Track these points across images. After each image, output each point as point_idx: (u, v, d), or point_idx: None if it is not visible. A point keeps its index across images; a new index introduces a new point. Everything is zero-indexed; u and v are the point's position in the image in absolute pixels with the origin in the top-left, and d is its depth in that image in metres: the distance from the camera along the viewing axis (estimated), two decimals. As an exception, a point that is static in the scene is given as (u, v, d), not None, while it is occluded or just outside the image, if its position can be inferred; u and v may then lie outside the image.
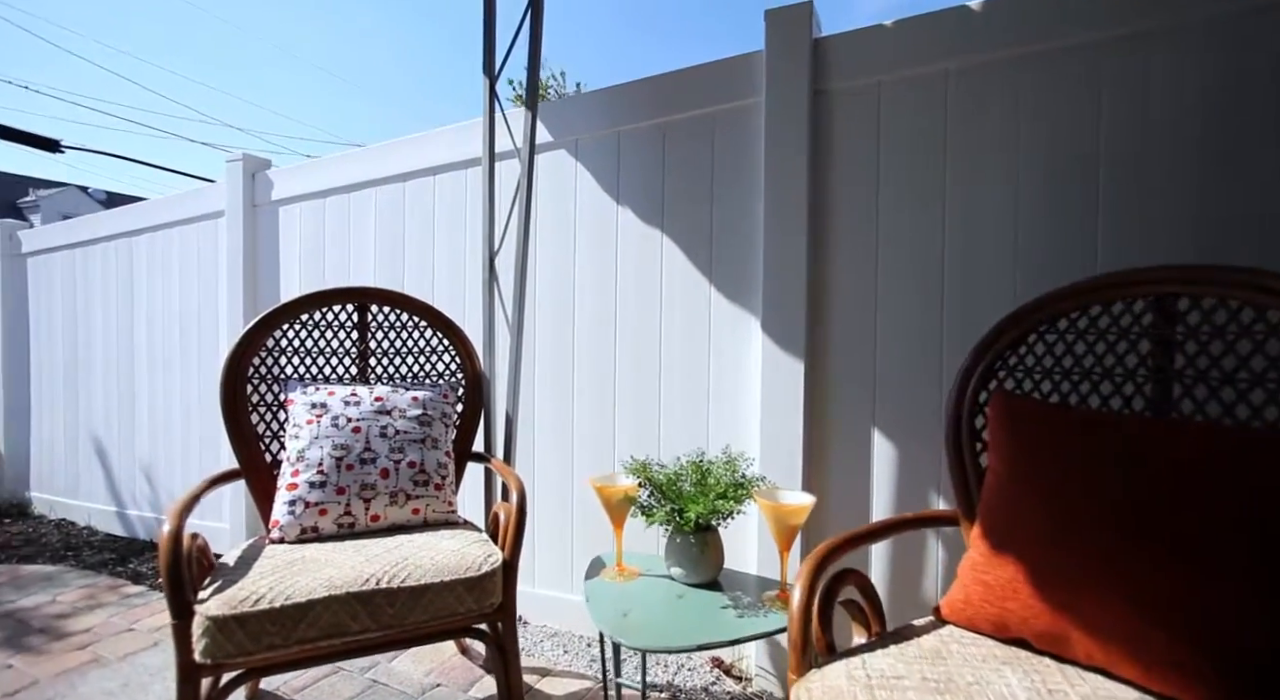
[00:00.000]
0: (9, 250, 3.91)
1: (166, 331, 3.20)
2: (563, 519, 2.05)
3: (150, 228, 3.26)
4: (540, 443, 2.08)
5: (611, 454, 1.96)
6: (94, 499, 3.56)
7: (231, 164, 2.86)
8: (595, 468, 1.98)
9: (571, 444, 2.03)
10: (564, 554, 2.06)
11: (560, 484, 2.06)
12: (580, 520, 2.03)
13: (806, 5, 1.64)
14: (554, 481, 2.07)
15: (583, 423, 2.01)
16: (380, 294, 1.71)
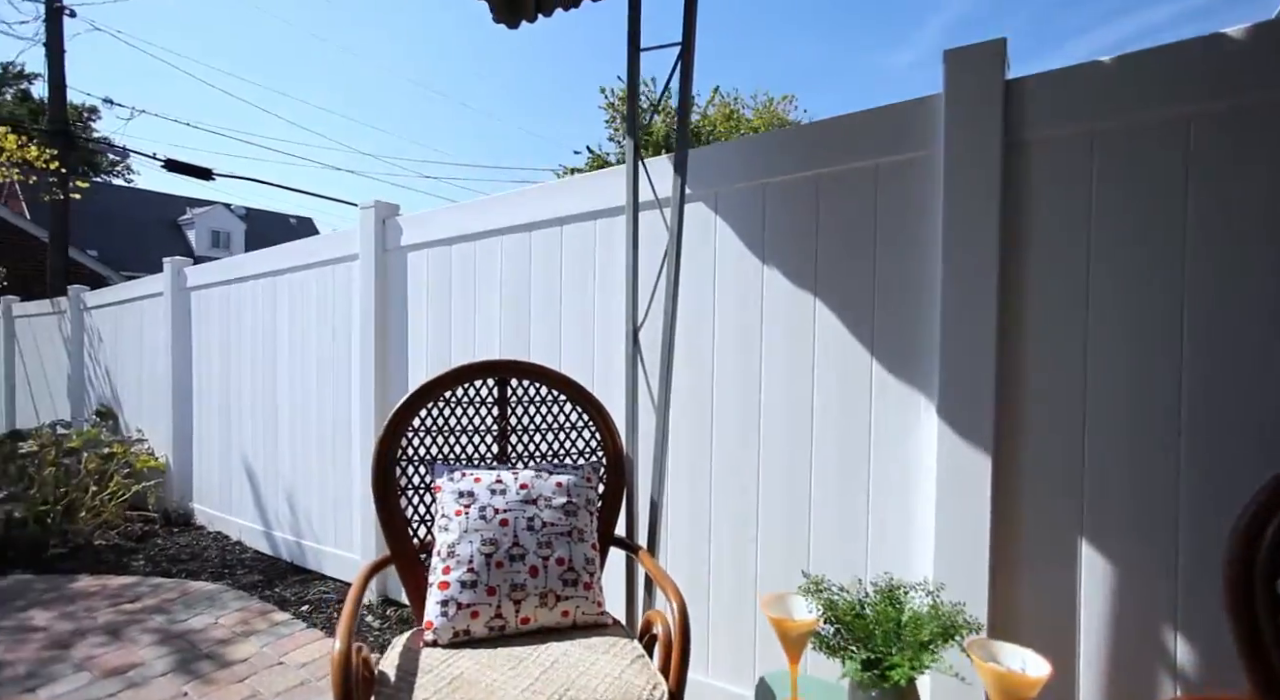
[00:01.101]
0: (178, 285, 4.32)
1: (304, 365, 3.39)
2: (697, 611, 1.91)
3: (291, 268, 3.47)
4: (674, 525, 1.96)
5: (754, 546, 1.81)
6: (243, 515, 3.86)
7: (364, 210, 2.97)
8: (735, 560, 1.84)
9: (709, 530, 1.89)
10: (699, 651, 1.92)
11: (694, 573, 1.92)
12: (718, 614, 1.89)
13: (998, 43, 1.41)
14: (686, 570, 1.94)
15: (721, 507, 1.87)
16: (520, 367, 1.66)
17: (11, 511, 3.51)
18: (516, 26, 2.20)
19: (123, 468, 4.30)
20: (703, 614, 1.90)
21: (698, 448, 1.91)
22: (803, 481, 1.73)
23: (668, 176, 1.93)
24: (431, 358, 2.74)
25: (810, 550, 1.71)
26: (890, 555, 1.58)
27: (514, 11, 2.14)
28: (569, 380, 1.67)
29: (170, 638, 2.62)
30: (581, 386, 1.66)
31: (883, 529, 1.60)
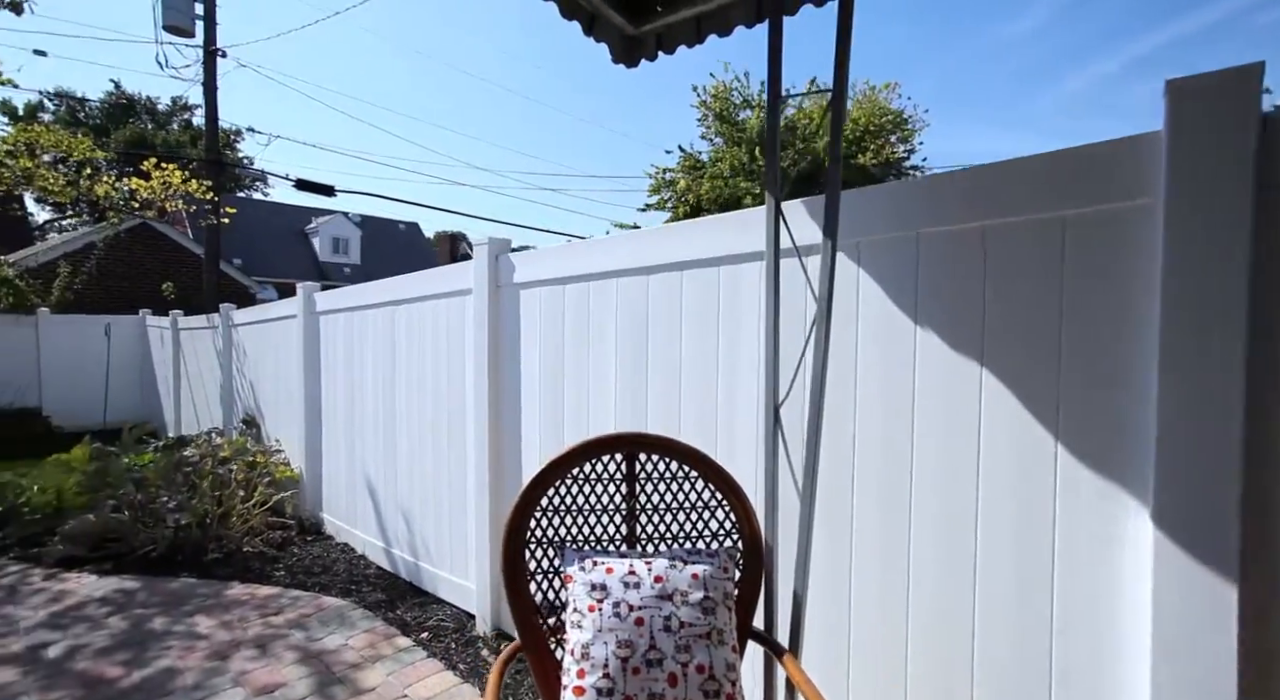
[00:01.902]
0: (308, 309, 4.64)
1: (420, 392, 3.51)
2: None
3: (409, 300, 3.60)
4: (811, 630, 1.80)
5: (902, 667, 1.61)
6: (366, 530, 4.08)
7: (479, 246, 3.00)
8: (883, 679, 1.65)
9: (847, 651, 1.71)
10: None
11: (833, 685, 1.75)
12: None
13: (1251, 70, 1.13)
14: (820, 674, 1.78)
15: (862, 626, 1.68)
16: (648, 441, 1.56)
17: (180, 520, 3.90)
18: (635, 65, 2.11)
19: (264, 477, 4.69)
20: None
21: (834, 539, 1.73)
22: (960, 604, 1.50)
23: (801, 215, 1.76)
24: (545, 394, 2.73)
25: (977, 690, 1.49)
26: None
27: (634, 53, 2.04)
28: (700, 455, 1.55)
29: (309, 657, 2.79)
30: (714, 463, 1.54)
31: (1068, 678, 1.35)
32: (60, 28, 33.47)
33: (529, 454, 2.82)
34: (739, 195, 19.32)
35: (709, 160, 21.42)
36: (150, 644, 2.91)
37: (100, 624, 3.11)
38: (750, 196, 18.66)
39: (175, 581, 3.62)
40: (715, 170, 20.14)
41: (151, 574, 3.72)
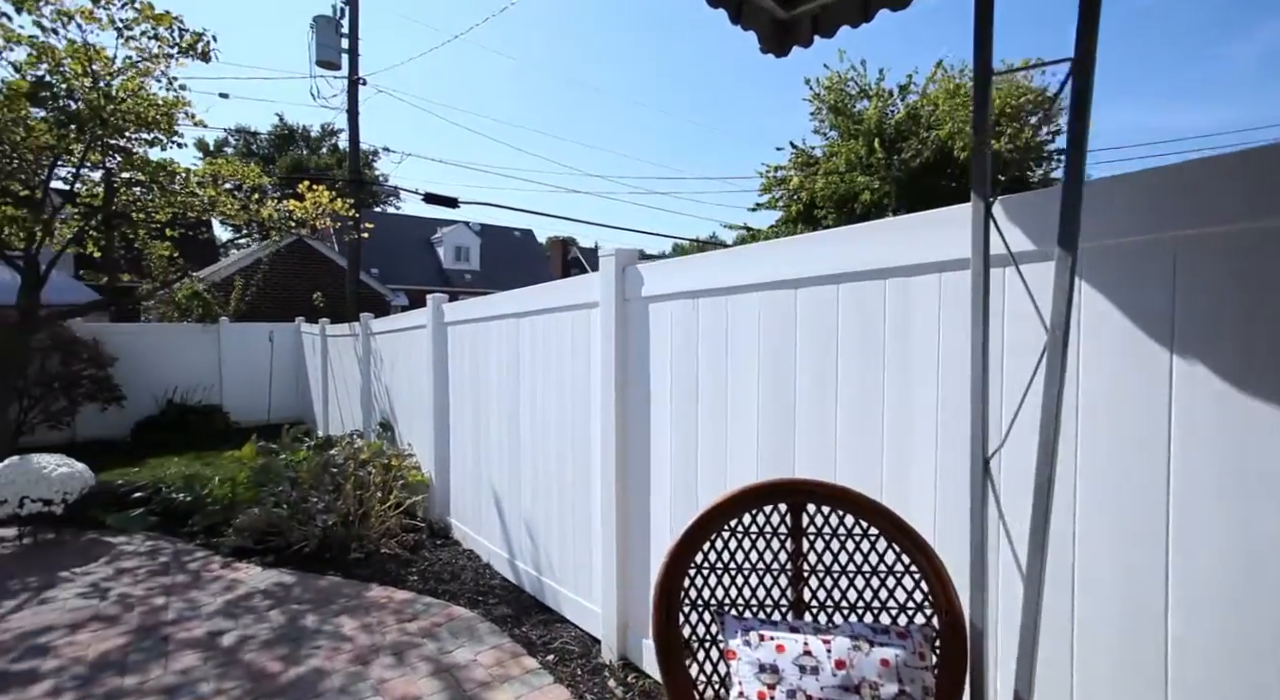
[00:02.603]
0: (437, 320, 4.82)
1: (544, 406, 3.48)
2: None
3: (533, 311, 3.59)
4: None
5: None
6: (491, 539, 4.15)
7: (605, 258, 2.90)
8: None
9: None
10: None
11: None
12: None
13: None
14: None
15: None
16: (816, 490, 1.34)
17: (327, 520, 4.17)
18: (786, 53, 1.88)
19: (398, 480, 4.94)
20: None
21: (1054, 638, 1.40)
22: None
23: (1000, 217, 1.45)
24: (676, 420, 2.56)
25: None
26: None
27: (785, 40, 1.81)
28: (882, 510, 1.30)
29: (441, 670, 2.82)
30: (900, 520, 1.29)
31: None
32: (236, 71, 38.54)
33: (658, 480, 2.67)
34: (856, 191, 18.27)
35: (823, 155, 20.48)
36: (303, 641, 3.08)
37: (263, 616, 3.35)
38: (868, 192, 17.58)
39: (323, 579, 3.86)
40: (830, 166, 19.20)
41: (304, 569, 4.00)
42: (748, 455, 2.22)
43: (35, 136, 5.67)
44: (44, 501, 4.37)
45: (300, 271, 15.84)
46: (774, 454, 2.11)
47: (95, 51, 5.66)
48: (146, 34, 5.69)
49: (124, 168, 6.31)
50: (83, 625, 3.28)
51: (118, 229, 6.90)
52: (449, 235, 29.22)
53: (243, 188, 7.46)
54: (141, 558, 4.27)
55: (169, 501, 4.92)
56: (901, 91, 17.83)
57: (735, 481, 2.26)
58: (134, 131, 5.99)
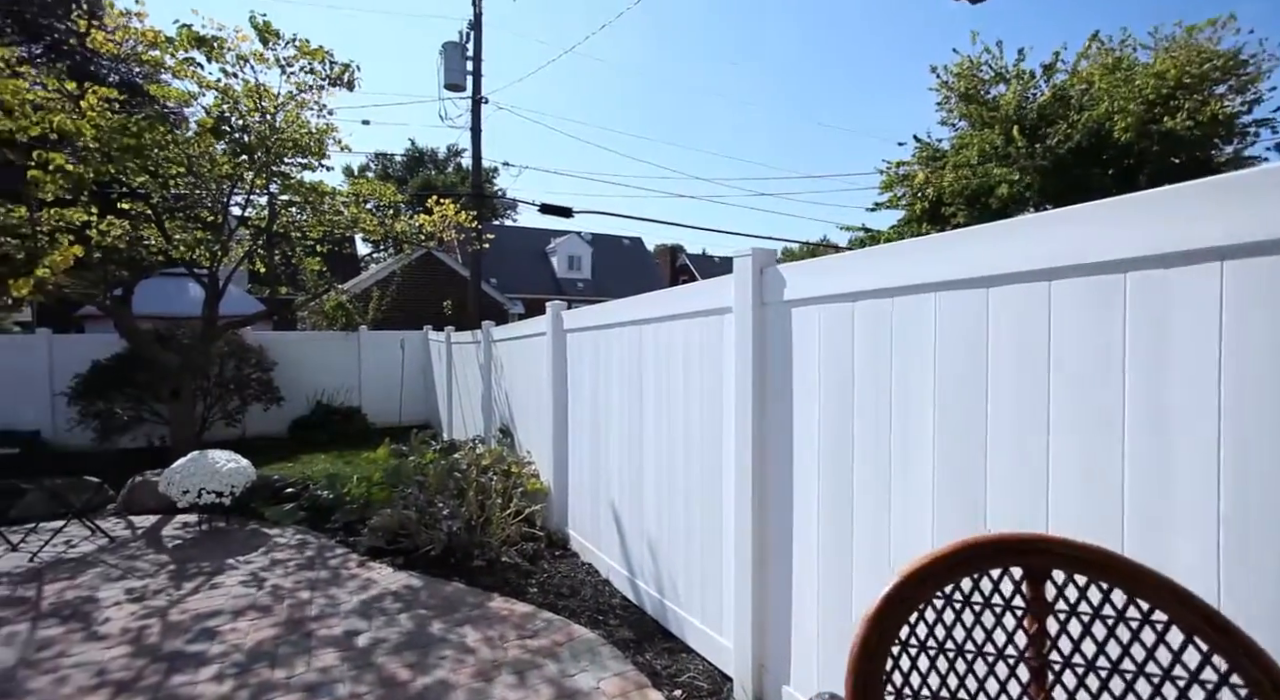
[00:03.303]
0: (556, 327, 4.80)
1: (669, 421, 3.28)
2: None
3: (657, 318, 3.41)
4: None
5: None
6: (610, 554, 4.01)
7: (740, 259, 2.65)
8: None
9: None
10: None
11: None
12: None
13: None
14: None
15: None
16: (1069, 552, 1.01)
17: (452, 526, 4.25)
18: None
19: (518, 487, 4.96)
20: None
21: None
22: None
23: None
24: (827, 444, 2.25)
25: None
26: None
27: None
28: (1175, 589, 0.95)
29: (563, 697, 2.68)
30: (1209, 609, 0.92)
31: None
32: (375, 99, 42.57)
33: (803, 511, 2.37)
34: (991, 184, 16.64)
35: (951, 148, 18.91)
36: (430, 650, 3.08)
37: (393, 619, 3.42)
38: (1006, 185, 15.94)
39: (448, 585, 3.90)
40: (960, 159, 17.67)
41: (430, 573, 4.08)
42: (919, 487, 1.87)
43: (218, 168, 6.39)
44: (216, 493, 4.83)
45: (428, 282, 16.99)
46: (955, 502, 1.75)
47: (264, 89, 6.29)
48: (303, 68, 6.24)
49: (283, 190, 6.96)
50: (243, 613, 3.52)
51: (278, 247, 7.65)
52: (562, 245, 30.25)
53: (380, 206, 8.01)
54: (291, 550, 4.58)
55: (315, 498, 5.28)
56: (1046, 72, 16.02)
57: (903, 522, 1.92)
58: (291, 157, 6.59)
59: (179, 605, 3.64)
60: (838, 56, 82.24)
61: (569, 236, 30.84)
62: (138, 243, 6.72)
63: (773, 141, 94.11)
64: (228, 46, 5.87)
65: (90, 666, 2.97)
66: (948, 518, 1.78)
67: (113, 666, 2.96)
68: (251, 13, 5.79)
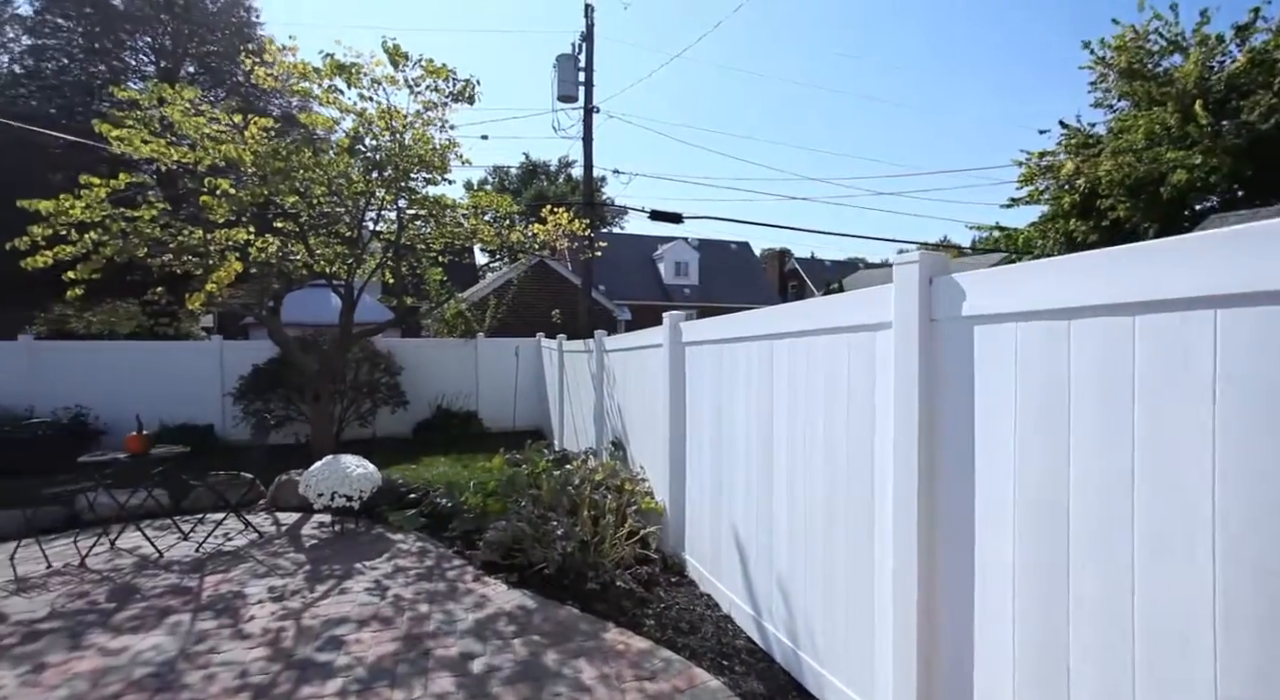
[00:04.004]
0: (674, 338, 4.54)
1: (806, 448, 2.90)
2: None
3: (792, 333, 3.05)
4: None
5: None
6: (732, 587, 3.67)
7: (903, 266, 2.23)
8: None
9: None
10: None
11: None
12: None
13: None
14: None
15: None
16: None
17: (566, 547, 4.11)
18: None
19: (631, 505, 4.76)
20: None
21: None
22: None
23: None
24: (1024, 508, 1.79)
25: None
26: None
27: None
28: None
29: (689, 759, 2.40)
30: None
31: None
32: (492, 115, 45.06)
33: (990, 572, 1.91)
34: (1161, 171, 14.43)
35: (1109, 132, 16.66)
36: (545, 684, 2.91)
37: (508, 644, 3.31)
38: (1182, 171, 13.74)
39: (562, 609, 3.75)
40: (1120, 143, 15.50)
41: (544, 594, 3.96)
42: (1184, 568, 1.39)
43: (354, 185, 6.81)
44: (346, 497, 5.05)
45: (541, 290, 17.51)
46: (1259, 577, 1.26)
47: (394, 110, 6.62)
48: (429, 87, 6.49)
49: (410, 205, 7.30)
50: (366, 623, 3.56)
51: (405, 258, 8.05)
52: (669, 251, 30.24)
53: (498, 217, 8.21)
54: (412, 558, 4.66)
55: (434, 506, 5.40)
56: (1240, 33, 13.66)
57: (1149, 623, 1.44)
58: (417, 172, 6.88)
59: (312, 608, 3.77)
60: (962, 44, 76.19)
61: (676, 242, 30.77)
62: (286, 258, 7.32)
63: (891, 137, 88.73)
64: (364, 71, 6.21)
65: (235, 667, 3.09)
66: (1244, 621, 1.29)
67: (253, 669, 3.07)
68: (383, 37, 6.10)
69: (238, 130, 6.40)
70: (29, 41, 16.54)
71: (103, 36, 16.55)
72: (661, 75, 59.19)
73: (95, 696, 2.86)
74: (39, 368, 9.16)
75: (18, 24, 16.62)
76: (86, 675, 3.04)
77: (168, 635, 3.45)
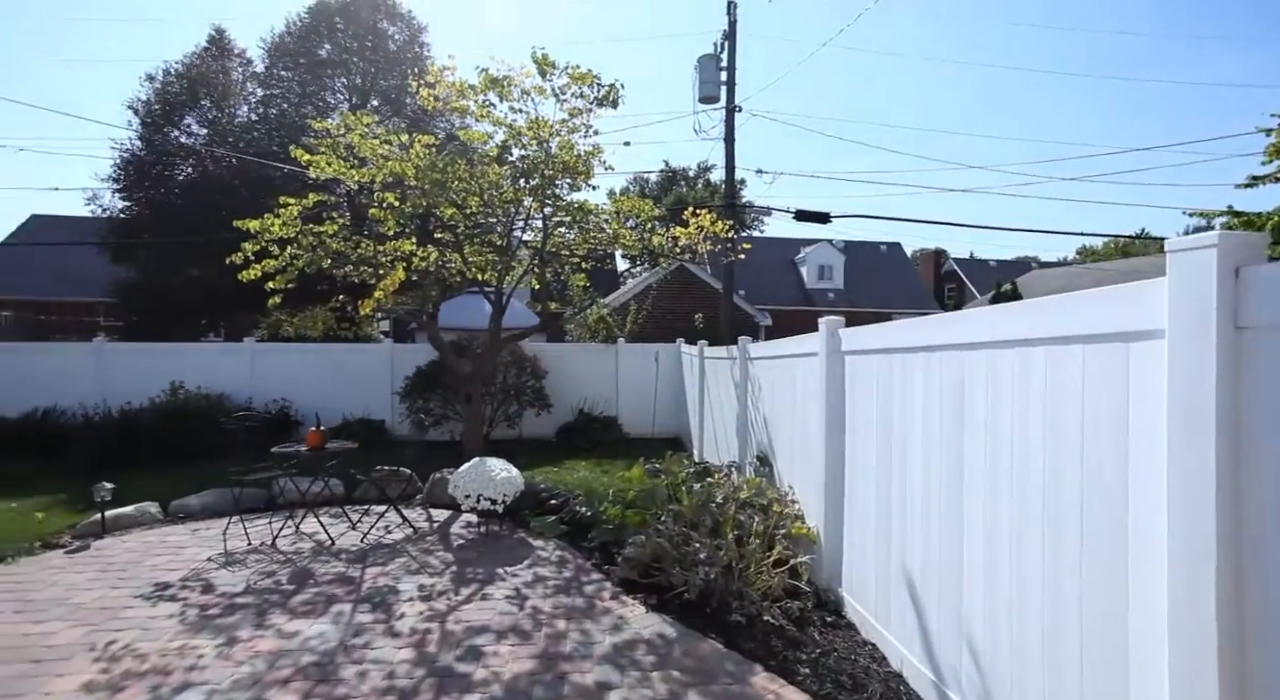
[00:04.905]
0: (831, 346, 4.04)
1: (1020, 479, 2.30)
2: None
3: (992, 343, 2.46)
4: None
5: None
6: (903, 639, 3.10)
7: (1187, 253, 1.62)
8: None
9: None
10: None
11: None
12: None
13: None
14: None
15: None
16: None
17: (709, 573, 3.78)
18: None
19: (779, 529, 4.31)
20: None
21: None
22: None
23: None
24: None
25: None
26: None
27: None
28: None
29: None
30: None
31: None
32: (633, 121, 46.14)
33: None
34: None
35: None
36: (686, 733, 2.60)
37: (646, 677, 3.05)
38: None
39: (704, 642, 3.42)
40: None
41: (684, 622, 3.66)
42: None
43: (503, 194, 7.07)
44: (491, 500, 5.15)
45: (680, 295, 17.39)
46: None
47: (541, 121, 6.77)
48: (574, 93, 6.53)
49: (555, 212, 7.43)
50: (505, 635, 3.50)
51: (550, 265, 8.24)
52: (812, 254, 28.86)
53: (640, 222, 8.12)
54: (551, 567, 4.61)
55: (574, 514, 5.34)
56: None
57: None
58: (561, 179, 6.97)
59: (455, 612, 3.80)
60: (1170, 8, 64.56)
61: (819, 244, 29.29)
62: (444, 266, 7.80)
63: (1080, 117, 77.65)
64: (514, 82, 6.40)
65: (384, 666, 3.15)
66: None
67: (399, 671, 3.10)
68: (532, 48, 6.22)
69: (404, 149, 6.91)
70: (261, 92, 19.74)
71: (311, 82, 19.27)
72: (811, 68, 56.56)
73: (270, 678, 3.04)
74: (256, 367, 10.70)
75: (254, 80, 19.91)
76: (265, 656, 3.26)
77: (331, 624, 3.64)
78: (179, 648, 3.35)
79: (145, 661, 3.21)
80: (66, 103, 44.56)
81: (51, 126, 70.89)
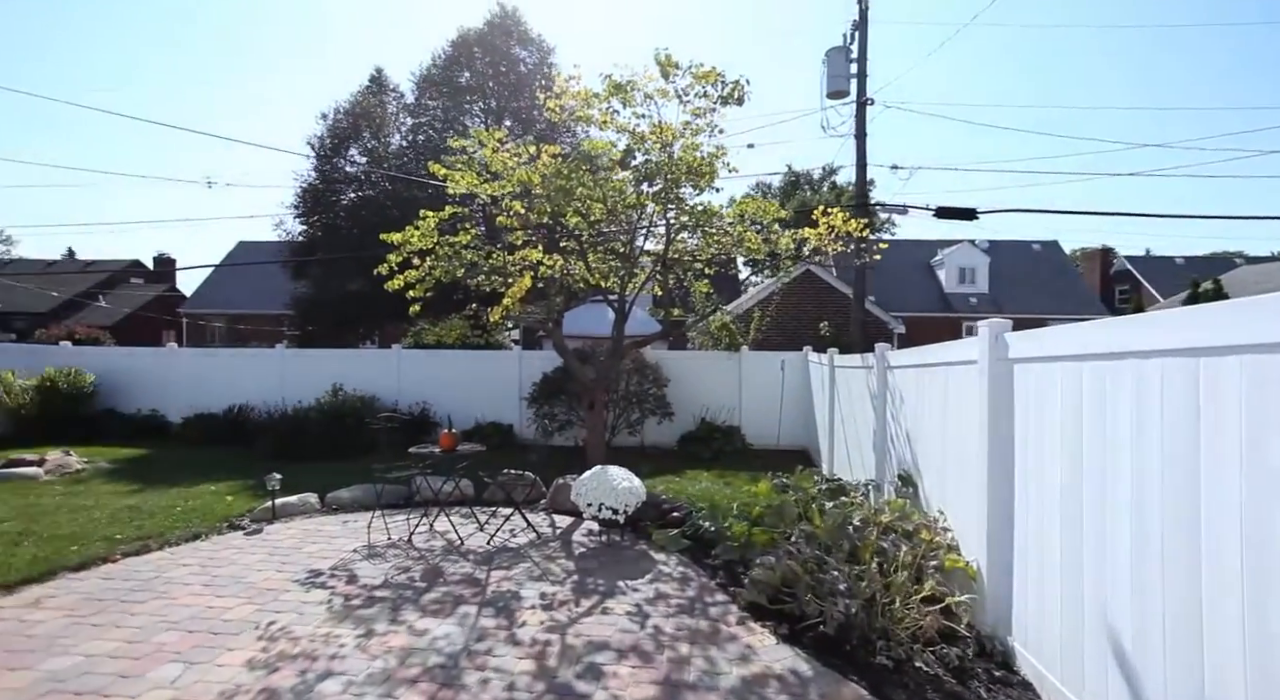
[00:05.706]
0: (996, 353, 3.47)
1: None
2: None
3: (1247, 347, 1.89)
4: None
5: None
6: (1108, 715, 2.51)
7: None
8: None
9: None
10: None
11: None
12: None
13: None
14: None
15: None
16: None
17: (849, 606, 3.37)
18: None
19: (930, 559, 3.77)
20: None
21: None
22: None
23: None
24: None
25: None
26: None
27: None
28: None
29: None
30: None
31: None
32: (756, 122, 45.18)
33: None
34: None
35: None
36: (830, 797, 2.25)
37: (779, 721, 2.72)
38: None
39: (846, 687, 3.02)
40: None
41: (821, 659, 3.27)
42: None
43: (626, 199, 7.05)
44: (612, 510, 5.05)
45: (806, 301, 16.59)
46: None
47: (665, 126, 6.67)
48: (698, 93, 6.36)
49: (678, 216, 7.28)
50: (625, 655, 3.33)
51: (672, 271, 8.10)
52: (951, 256, 26.48)
53: (764, 224, 7.76)
54: (674, 584, 4.39)
55: (697, 528, 5.09)
56: None
57: None
58: (685, 182, 6.80)
59: (576, 625, 3.70)
60: None
61: (960, 245, 26.82)
62: (568, 274, 7.93)
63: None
64: (637, 86, 6.34)
65: (504, 676, 3.09)
66: None
67: (519, 684, 3.03)
68: (655, 49, 6.14)
69: (532, 159, 7.12)
70: (410, 121, 21.80)
71: (453, 108, 20.94)
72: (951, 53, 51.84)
73: (400, 676, 3.10)
74: (402, 371, 11.62)
75: (405, 110, 22.03)
76: (397, 652, 3.34)
77: (457, 625, 3.68)
78: (325, 635, 3.54)
79: (296, 645, 3.41)
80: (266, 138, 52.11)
81: (252, 161, 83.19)
